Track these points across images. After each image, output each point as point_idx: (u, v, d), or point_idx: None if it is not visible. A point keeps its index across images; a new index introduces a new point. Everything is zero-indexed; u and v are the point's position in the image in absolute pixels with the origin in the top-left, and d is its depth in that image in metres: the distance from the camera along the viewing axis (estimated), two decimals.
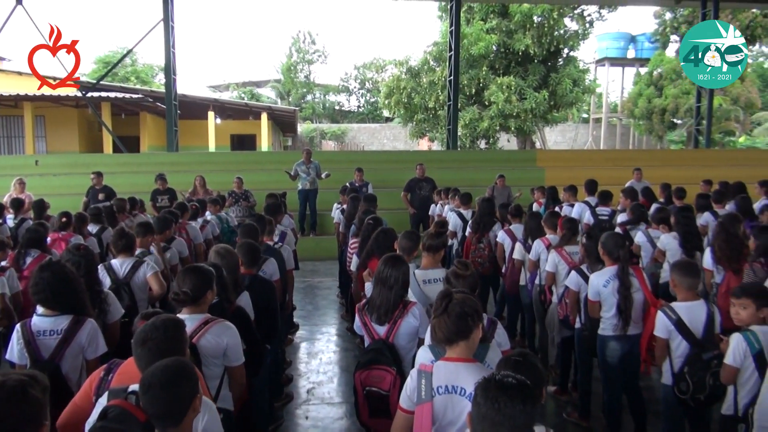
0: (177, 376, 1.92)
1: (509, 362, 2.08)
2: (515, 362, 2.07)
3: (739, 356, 3.00)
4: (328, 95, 47.51)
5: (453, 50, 14.90)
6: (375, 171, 12.52)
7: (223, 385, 2.86)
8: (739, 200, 6.78)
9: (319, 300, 8.38)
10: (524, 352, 2.16)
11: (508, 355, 2.14)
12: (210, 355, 2.77)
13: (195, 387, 1.96)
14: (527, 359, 2.10)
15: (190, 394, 1.93)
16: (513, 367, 2.04)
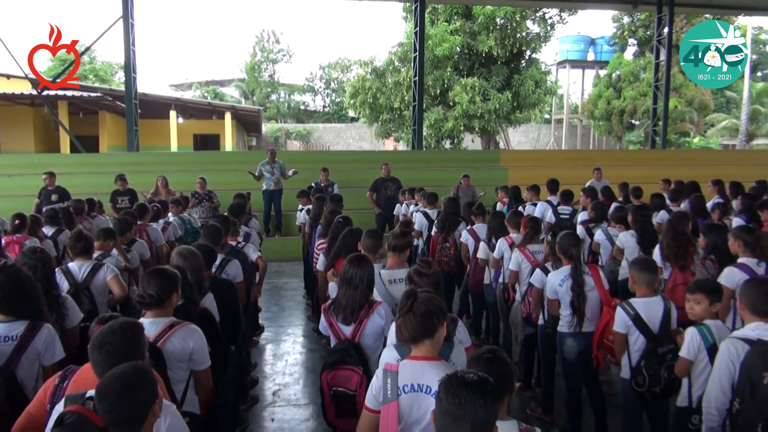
0: (134, 382, 1.88)
1: (482, 359, 2.11)
2: (488, 359, 2.10)
3: (694, 349, 3.10)
4: (293, 95, 47.20)
5: (417, 51, 14.97)
6: (341, 171, 12.50)
7: (189, 388, 2.82)
8: (692, 199, 7.01)
9: (284, 301, 8.32)
10: (494, 348, 2.18)
11: (480, 352, 2.15)
12: (176, 358, 2.73)
13: (153, 392, 1.93)
14: (498, 355, 2.13)
15: (148, 400, 1.90)
16: (486, 363, 2.08)
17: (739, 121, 33.54)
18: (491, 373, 2.01)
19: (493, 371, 2.02)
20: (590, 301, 4.10)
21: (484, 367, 2.06)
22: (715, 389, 2.83)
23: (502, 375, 2.05)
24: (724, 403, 2.81)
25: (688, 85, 28.58)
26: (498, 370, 2.05)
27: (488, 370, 2.02)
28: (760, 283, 2.97)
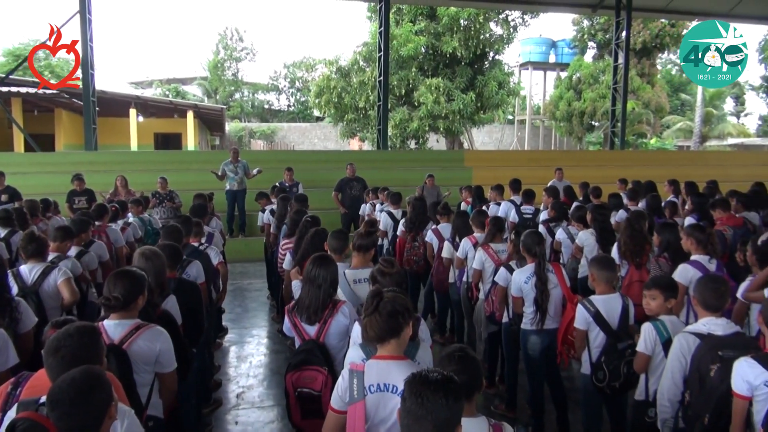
0: (86, 387, 1.83)
1: (453, 357, 2.12)
2: (459, 357, 2.11)
3: (650, 344, 3.20)
4: (257, 94, 46.73)
5: (382, 51, 15.00)
6: (306, 171, 12.44)
7: (153, 392, 2.78)
8: (649, 198, 7.22)
9: (248, 302, 8.22)
10: (464, 347, 2.20)
11: (451, 351, 2.16)
12: (142, 361, 2.69)
13: (108, 396, 1.88)
14: (468, 353, 2.15)
15: (103, 404, 1.85)
16: (457, 361, 2.09)
17: (693, 123, 34.71)
18: (463, 371, 2.03)
19: (465, 369, 2.05)
20: (553, 298, 4.19)
21: (455, 365, 2.08)
22: (668, 382, 2.93)
23: (473, 373, 2.08)
24: (676, 395, 2.92)
25: (645, 87, 29.45)
26: (469, 368, 2.07)
27: (460, 369, 2.04)
28: (712, 280, 3.09)
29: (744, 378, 2.50)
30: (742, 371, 2.51)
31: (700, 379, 2.75)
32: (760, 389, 2.47)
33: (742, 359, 2.55)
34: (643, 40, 28.87)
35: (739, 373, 2.53)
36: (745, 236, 5.15)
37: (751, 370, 2.49)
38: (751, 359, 2.52)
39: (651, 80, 30.59)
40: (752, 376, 2.48)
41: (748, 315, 4.00)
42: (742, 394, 2.52)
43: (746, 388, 2.50)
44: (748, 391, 2.50)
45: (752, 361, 2.51)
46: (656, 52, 30.71)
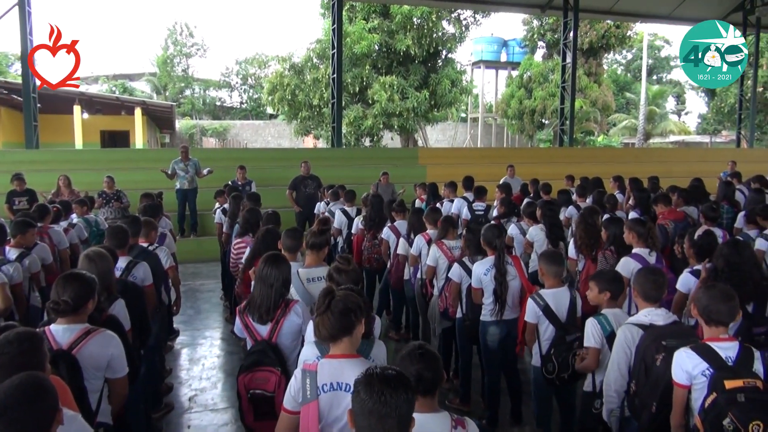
0: (33, 393, 1.77)
1: (414, 355, 2.12)
2: (420, 354, 2.12)
3: (598, 338, 3.30)
4: (209, 90, 45.73)
5: (336, 48, 14.94)
6: (259, 169, 12.27)
7: (103, 398, 2.70)
8: (596, 194, 7.45)
9: (201, 303, 8.06)
10: (422, 344, 2.21)
11: (411, 348, 2.16)
12: (92, 367, 2.61)
13: (54, 401, 1.82)
14: (428, 350, 2.16)
15: (50, 411, 1.79)
16: (419, 358, 2.10)
17: (638, 121, 36.00)
18: (427, 369, 2.04)
19: (429, 366, 2.06)
20: (512, 290, 4.29)
21: (419, 363, 2.08)
22: (614, 373, 3.04)
23: (435, 368, 2.09)
24: (622, 385, 3.03)
25: (592, 86, 30.30)
26: (432, 365, 2.09)
27: (424, 366, 2.05)
28: (651, 272, 3.22)
29: (683, 368, 2.60)
30: (681, 361, 2.62)
31: (645, 368, 2.85)
32: (699, 378, 2.57)
33: (681, 350, 2.66)
34: (590, 40, 29.71)
35: (678, 363, 2.63)
36: (685, 230, 5.37)
37: (689, 361, 2.59)
38: (690, 350, 2.63)
39: (598, 79, 31.50)
40: (691, 366, 2.59)
41: (687, 306, 4.18)
42: (682, 383, 2.62)
43: (685, 377, 2.60)
44: (687, 380, 2.61)
45: (690, 352, 2.61)
46: (602, 52, 31.64)
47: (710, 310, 2.65)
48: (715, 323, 2.67)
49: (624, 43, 31.73)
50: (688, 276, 4.14)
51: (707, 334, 2.72)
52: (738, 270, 3.64)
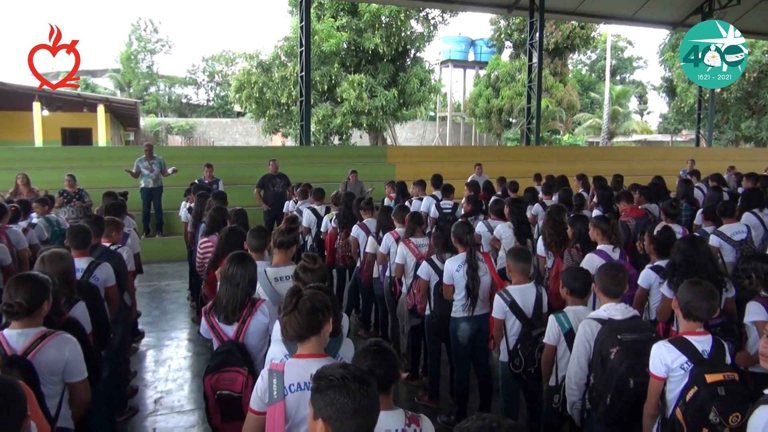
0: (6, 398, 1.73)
1: (369, 352, 2.15)
2: (374, 351, 2.14)
3: (553, 335, 3.39)
4: (174, 87, 44.96)
5: (304, 46, 14.84)
6: (226, 167, 12.13)
7: (63, 403, 2.63)
8: (561, 192, 7.57)
9: (167, 304, 7.93)
10: (379, 341, 2.23)
11: (367, 346, 2.19)
12: (49, 372, 2.53)
13: (23, 407, 1.79)
14: (384, 347, 2.19)
15: (19, 417, 1.75)
16: (373, 356, 2.12)
17: (602, 121, 36.75)
18: (379, 366, 2.06)
19: (381, 363, 2.08)
20: (483, 285, 4.33)
21: (372, 360, 2.11)
22: (574, 366, 3.11)
23: (389, 366, 2.11)
24: (582, 378, 3.10)
25: (558, 86, 30.82)
26: (385, 362, 2.11)
27: (376, 363, 2.07)
28: (610, 267, 3.30)
29: (662, 360, 2.67)
30: (660, 354, 2.68)
31: (601, 361, 2.92)
32: (676, 371, 2.64)
33: (660, 343, 2.73)
34: (555, 40, 30.21)
35: (657, 356, 2.69)
36: (646, 226, 5.51)
37: (668, 354, 2.66)
38: (669, 343, 2.70)
39: (563, 79, 32.05)
40: (670, 359, 2.65)
41: (647, 300, 4.30)
42: (659, 375, 2.69)
43: (663, 369, 2.67)
44: (665, 373, 2.67)
45: (669, 345, 2.68)
46: (567, 52, 32.22)
47: (692, 306, 2.72)
48: (694, 318, 2.74)
49: (588, 44, 32.37)
50: (649, 272, 4.25)
51: (683, 327, 2.79)
52: (694, 264, 3.76)
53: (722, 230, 5.47)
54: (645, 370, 2.77)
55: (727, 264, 5.22)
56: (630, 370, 2.79)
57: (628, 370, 2.79)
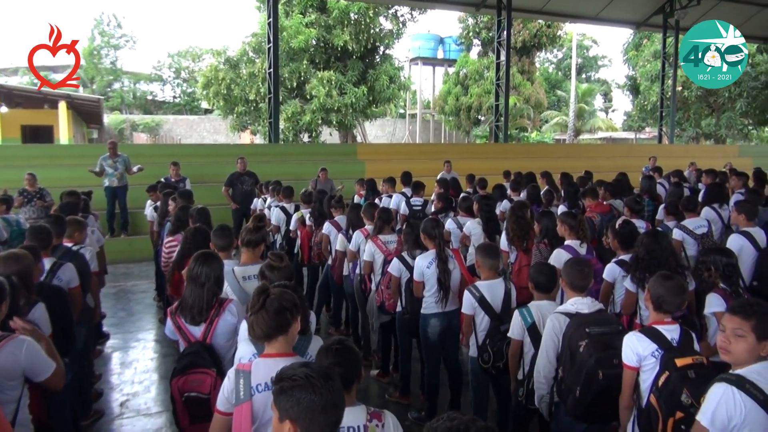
0: None
1: (330, 350, 2.15)
2: (336, 350, 2.14)
3: (517, 330, 3.44)
4: (139, 84, 44.03)
5: (272, 42, 14.69)
6: (193, 165, 11.94)
7: (21, 407, 2.53)
8: (529, 188, 7.68)
9: (133, 305, 7.77)
10: (341, 339, 2.23)
11: (329, 343, 2.20)
12: (5, 376, 2.44)
13: None
14: (346, 345, 2.19)
15: None
16: (334, 354, 2.12)
17: (568, 118, 37.36)
18: (339, 364, 2.06)
19: (341, 362, 2.08)
20: (453, 279, 4.36)
21: (332, 358, 2.11)
22: (543, 360, 3.16)
23: (350, 365, 2.11)
24: (551, 372, 3.15)
25: (526, 84, 31.19)
26: (346, 361, 2.11)
27: (336, 362, 2.07)
28: (577, 262, 3.35)
29: (634, 350, 2.73)
30: (632, 344, 2.74)
31: (571, 355, 2.97)
32: (648, 359, 2.71)
33: (631, 334, 2.80)
34: (522, 39, 30.55)
35: (628, 346, 2.75)
36: (610, 222, 5.62)
37: (640, 343, 2.73)
38: (639, 333, 2.77)
39: (530, 77, 32.44)
40: (641, 348, 2.72)
41: (612, 294, 4.39)
42: (631, 365, 2.75)
43: (635, 359, 2.73)
44: (637, 362, 2.73)
45: (640, 335, 2.75)
46: (535, 51, 32.62)
47: (663, 300, 2.80)
48: (663, 311, 2.82)
49: (555, 43, 32.83)
50: (614, 266, 4.34)
51: (653, 318, 2.87)
52: (656, 258, 3.86)
53: (685, 224, 5.63)
54: (613, 362, 2.83)
55: (689, 257, 5.36)
56: (599, 363, 2.85)
57: (597, 362, 2.85)
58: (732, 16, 21.01)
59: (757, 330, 2.17)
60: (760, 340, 2.17)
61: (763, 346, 2.17)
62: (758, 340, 2.17)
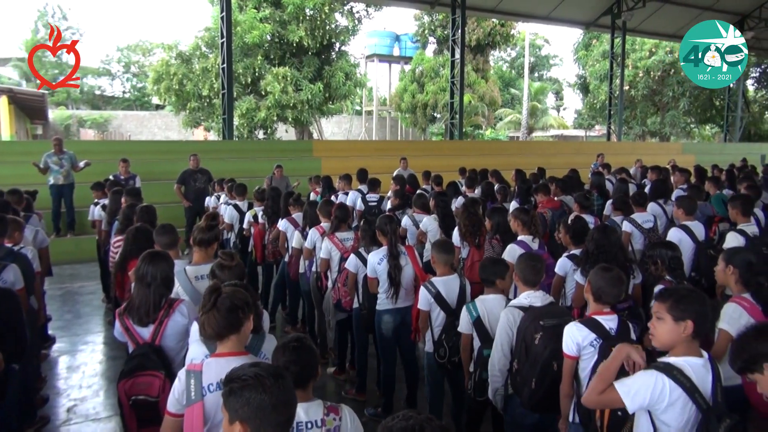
0: None
1: (287, 348, 2.15)
2: (293, 347, 2.14)
3: (465, 324, 3.52)
4: (86, 78, 42.47)
5: (225, 37, 14.41)
6: (144, 162, 11.64)
7: None
8: (483, 185, 7.80)
9: (80, 307, 7.51)
10: (299, 336, 2.23)
11: (286, 341, 2.19)
12: None
13: None
14: (304, 343, 2.18)
15: None
16: (292, 351, 2.12)
17: (521, 116, 38.09)
18: (295, 362, 2.05)
19: (297, 360, 2.07)
20: (405, 276, 4.38)
21: (291, 355, 2.12)
22: (497, 353, 3.22)
23: (305, 362, 2.11)
24: (505, 364, 3.21)
25: (480, 82, 31.62)
26: (301, 359, 2.10)
27: (292, 360, 2.06)
28: (529, 257, 3.43)
29: (573, 340, 2.80)
30: (572, 334, 2.82)
31: (525, 347, 3.04)
32: (587, 349, 2.79)
33: (571, 324, 2.87)
34: (477, 37, 30.93)
35: (569, 336, 2.83)
36: (561, 217, 5.77)
37: (579, 333, 2.81)
38: (579, 323, 2.85)
39: (485, 75, 32.87)
40: (581, 338, 2.80)
41: (564, 287, 4.50)
42: (571, 354, 2.83)
43: (575, 349, 2.81)
44: (576, 352, 2.81)
45: (580, 325, 2.83)
46: (489, 49, 33.08)
47: (603, 291, 2.88)
48: (603, 302, 2.90)
49: (508, 41, 33.35)
50: (565, 260, 4.46)
51: (592, 308, 2.95)
52: (605, 252, 3.97)
53: (634, 218, 5.83)
54: None
55: (636, 251, 5.56)
56: (553, 354, 2.92)
57: (552, 354, 2.92)
58: (674, 18, 21.95)
59: (672, 311, 2.27)
60: (676, 320, 2.26)
61: (682, 328, 2.25)
62: (675, 320, 2.26)
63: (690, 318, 2.24)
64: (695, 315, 2.24)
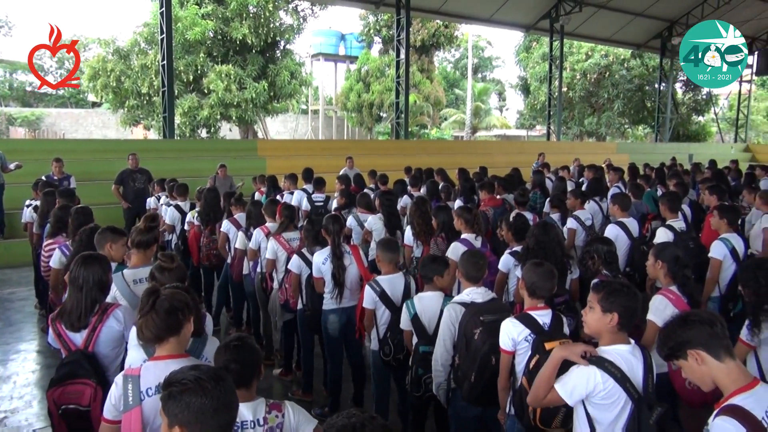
0: None
1: (229, 347, 2.14)
2: (235, 346, 2.14)
3: (405, 321, 3.60)
4: (16, 74, 40.33)
5: (165, 33, 14.00)
6: (80, 162, 11.20)
7: None
8: (428, 184, 7.90)
9: (11, 314, 7.14)
10: (241, 335, 2.22)
11: (228, 340, 2.18)
12: None
13: None
14: (245, 342, 2.17)
15: None
16: (233, 351, 2.12)
17: (465, 116, 38.77)
18: (235, 361, 2.04)
19: (237, 359, 2.07)
20: (350, 276, 4.39)
21: (231, 354, 2.11)
22: (440, 348, 3.28)
23: (246, 361, 2.11)
24: (447, 360, 3.27)
25: (425, 82, 31.99)
26: (242, 358, 2.10)
27: (232, 358, 2.05)
28: (472, 255, 3.50)
29: (509, 335, 2.88)
30: (507, 330, 2.89)
31: (466, 342, 3.11)
32: (522, 344, 2.87)
33: (507, 320, 2.94)
34: (422, 38, 31.29)
35: (505, 332, 2.90)
36: (503, 215, 5.92)
37: (514, 328, 2.88)
38: (515, 319, 2.92)
39: (430, 76, 33.28)
40: (516, 333, 2.87)
41: (507, 283, 4.62)
42: (507, 350, 2.90)
43: (511, 344, 2.88)
44: (512, 347, 2.89)
45: (515, 321, 2.91)
46: (433, 50, 33.53)
47: (536, 286, 2.97)
48: (537, 297, 2.99)
49: (452, 42, 33.90)
50: (507, 257, 4.58)
51: (528, 303, 3.03)
52: (545, 249, 4.11)
53: (577, 215, 6.05)
54: None
55: (578, 248, 5.75)
56: (492, 349, 2.99)
57: (490, 348, 2.99)
58: (609, 23, 22.87)
59: (602, 302, 2.42)
60: (604, 311, 2.41)
61: (609, 318, 2.39)
62: (603, 311, 2.41)
63: (616, 311, 2.38)
64: (622, 309, 2.38)
